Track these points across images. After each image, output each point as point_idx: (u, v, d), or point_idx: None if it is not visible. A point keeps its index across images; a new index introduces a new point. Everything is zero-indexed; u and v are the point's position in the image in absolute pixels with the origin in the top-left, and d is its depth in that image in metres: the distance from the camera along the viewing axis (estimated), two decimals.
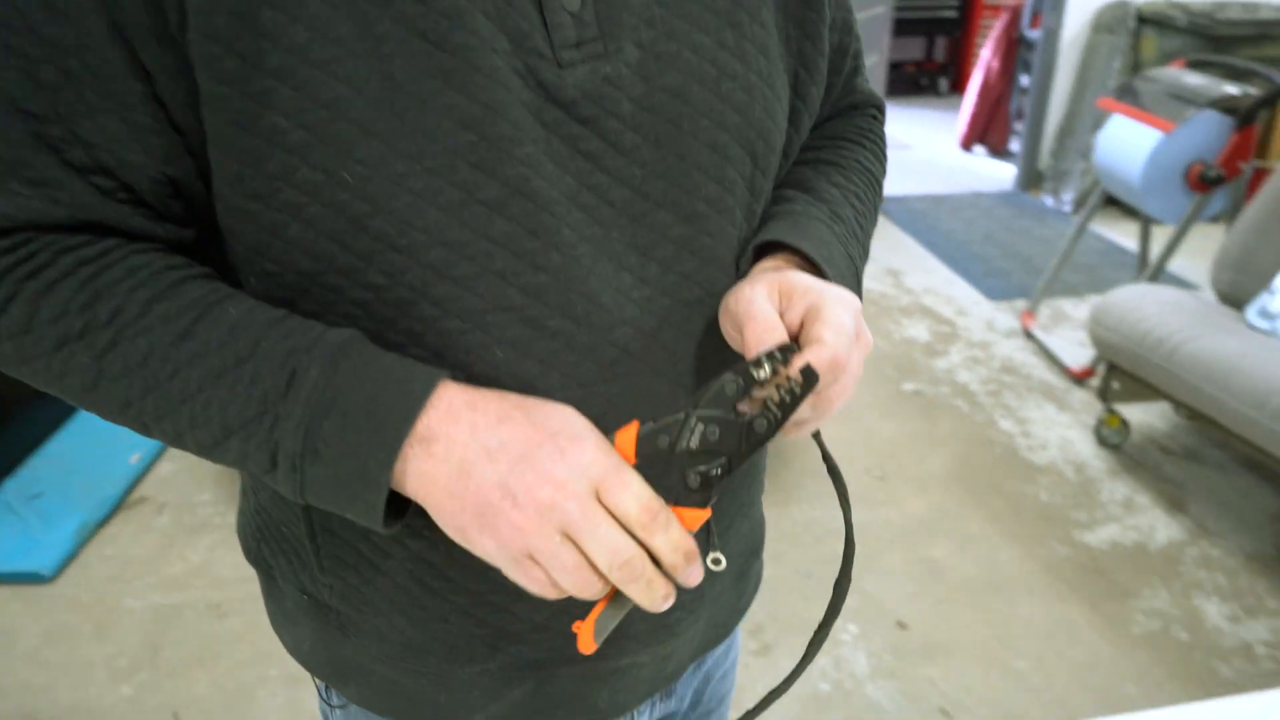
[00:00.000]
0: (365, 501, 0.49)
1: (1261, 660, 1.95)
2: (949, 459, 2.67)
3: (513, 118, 0.50)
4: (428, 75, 0.49)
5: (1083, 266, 3.99)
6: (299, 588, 0.67)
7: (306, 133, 0.48)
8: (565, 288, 0.54)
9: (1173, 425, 2.83)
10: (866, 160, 0.74)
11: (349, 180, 0.49)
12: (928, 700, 1.87)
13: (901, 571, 2.22)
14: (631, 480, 0.49)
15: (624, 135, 0.54)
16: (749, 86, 0.59)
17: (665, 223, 0.57)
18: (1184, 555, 2.27)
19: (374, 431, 0.48)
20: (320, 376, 0.48)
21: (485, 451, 0.48)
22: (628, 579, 0.48)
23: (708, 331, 0.61)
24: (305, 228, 0.51)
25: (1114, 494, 2.51)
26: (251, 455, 0.50)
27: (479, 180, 0.50)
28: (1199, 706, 0.83)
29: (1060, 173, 4.80)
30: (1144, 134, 2.89)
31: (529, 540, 0.48)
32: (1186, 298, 2.55)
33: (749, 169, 0.60)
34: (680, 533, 0.49)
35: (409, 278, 0.52)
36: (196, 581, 2.19)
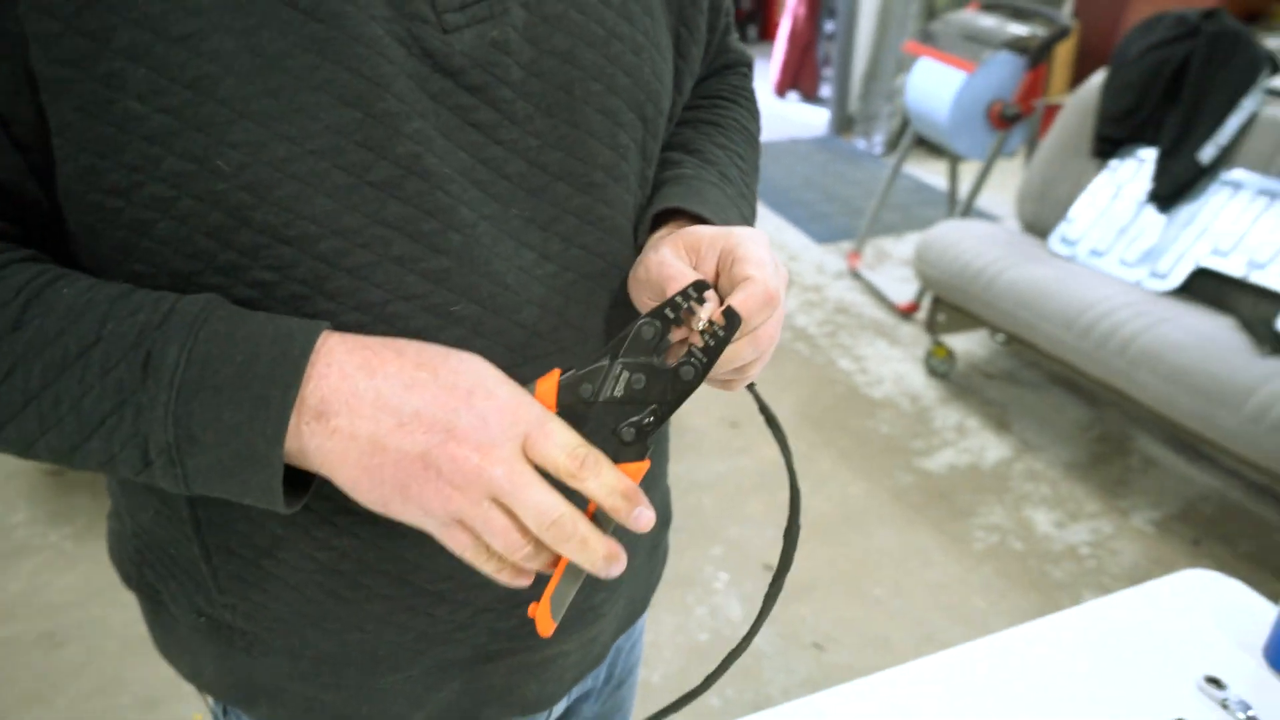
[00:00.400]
0: (259, 485, 0.45)
1: (1086, 560, 2.14)
2: (796, 402, 2.76)
3: (398, 90, 0.47)
4: (301, 47, 0.44)
5: (898, 206, 4.20)
6: (194, 610, 0.62)
7: (169, 117, 0.43)
8: (468, 270, 0.51)
9: (991, 351, 3.04)
10: (744, 119, 0.74)
11: (224, 168, 0.44)
12: (801, 637, 1.94)
13: (763, 517, 2.29)
14: (555, 429, 0.46)
15: (516, 104, 0.51)
16: (637, 47, 0.57)
17: (564, 194, 0.55)
18: (1012, 471, 2.46)
19: (255, 405, 0.43)
20: (180, 352, 0.43)
21: (398, 423, 0.44)
22: (559, 539, 0.45)
23: (614, 305, 0.59)
24: (177, 224, 0.45)
25: (947, 421, 2.68)
26: (119, 456, 0.45)
27: (368, 161, 0.46)
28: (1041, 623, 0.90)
29: (870, 116, 5.01)
30: (949, 76, 3.05)
31: (457, 507, 0.45)
32: (998, 230, 2.72)
33: (640, 133, 0.59)
34: (614, 474, 0.47)
35: (300, 272, 0.47)
36: (22, 611, 1.98)
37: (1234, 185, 2.34)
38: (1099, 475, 2.44)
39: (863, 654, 1.90)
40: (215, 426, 0.43)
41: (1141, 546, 2.19)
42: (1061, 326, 2.29)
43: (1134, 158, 2.55)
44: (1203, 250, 2.30)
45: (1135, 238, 2.45)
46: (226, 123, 0.43)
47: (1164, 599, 0.93)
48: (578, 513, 0.46)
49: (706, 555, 2.15)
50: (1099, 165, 2.63)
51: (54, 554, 2.12)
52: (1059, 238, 2.61)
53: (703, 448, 2.54)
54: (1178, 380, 2.03)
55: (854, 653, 1.90)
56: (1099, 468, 2.47)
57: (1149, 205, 2.45)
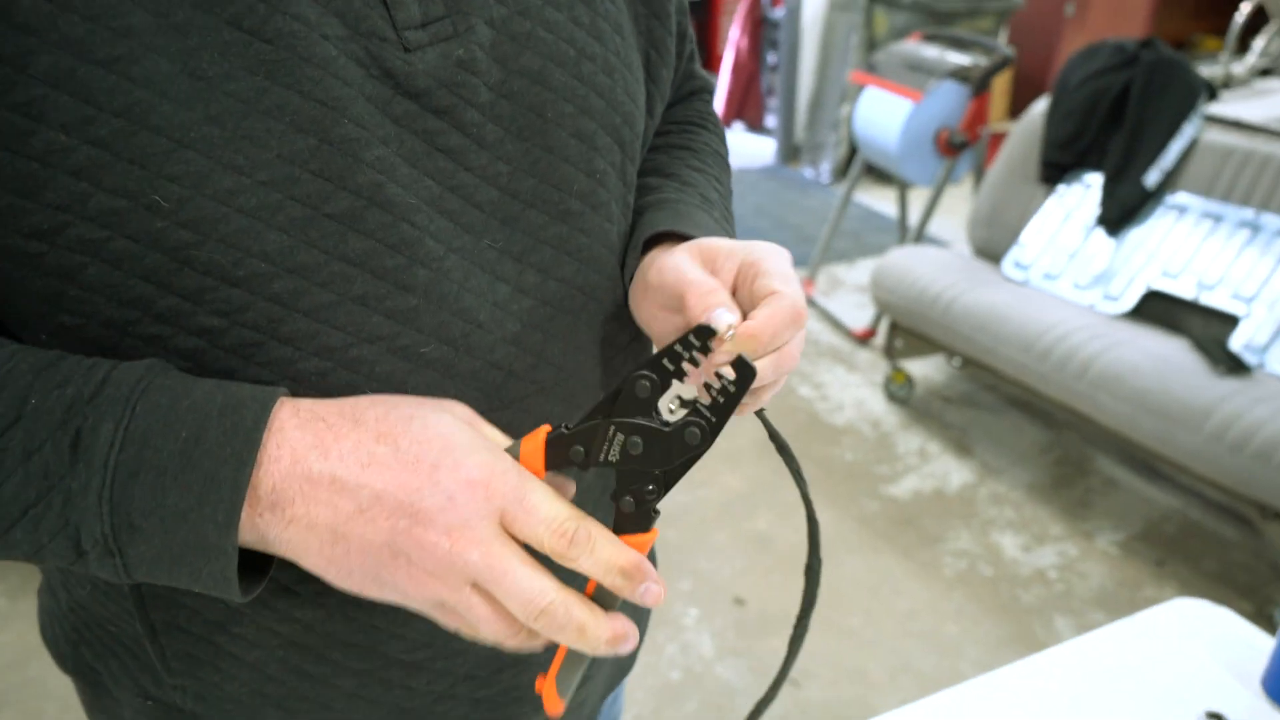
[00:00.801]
0: (211, 574, 0.41)
1: (1054, 584, 2.15)
2: (758, 430, 2.73)
3: (356, 115, 0.43)
4: (247, 70, 0.40)
5: (848, 233, 4.24)
6: (140, 694, 0.57)
7: (97, 149, 0.38)
8: (437, 308, 0.47)
9: (949, 375, 3.06)
10: (714, 143, 0.72)
11: (162, 204, 0.39)
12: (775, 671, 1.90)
13: (730, 547, 2.26)
14: (537, 502, 0.42)
15: (485, 128, 0.48)
16: (609, 68, 0.54)
17: (539, 223, 0.51)
18: (977, 495, 2.46)
19: (204, 486, 0.39)
20: (116, 429, 0.39)
21: (357, 509, 0.40)
22: (551, 628, 0.41)
23: (596, 341, 0.56)
24: (109, 268, 0.40)
25: (909, 446, 2.68)
26: (48, 546, 0.40)
27: (326, 191, 0.42)
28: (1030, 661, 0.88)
29: (816, 145, 5.07)
30: (896, 105, 3.09)
31: (435, 594, 0.41)
32: (951, 256, 2.75)
33: (619, 157, 0.56)
34: (611, 547, 0.43)
35: (251, 316, 0.43)
36: None
37: (1179, 209, 2.39)
38: (1061, 497, 2.46)
39: (839, 687, 1.87)
40: (159, 513, 0.39)
41: (1107, 568, 2.20)
42: (1020, 350, 2.30)
43: (1080, 183, 2.60)
44: (1153, 273, 2.34)
45: (1087, 261, 2.49)
46: (164, 153, 0.39)
47: (1154, 630, 0.91)
48: (571, 596, 0.42)
49: (675, 590, 2.11)
50: (1047, 190, 2.68)
51: None
52: (1012, 262, 2.64)
53: None
54: (1138, 402, 2.05)
55: (830, 687, 1.87)
56: (1061, 490, 2.49)
57: (1098, 229, 2.50)
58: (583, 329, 0.55)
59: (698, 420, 0.43)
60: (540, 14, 0.50)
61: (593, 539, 0.42)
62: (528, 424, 0.52)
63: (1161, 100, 2.43)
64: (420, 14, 0.45)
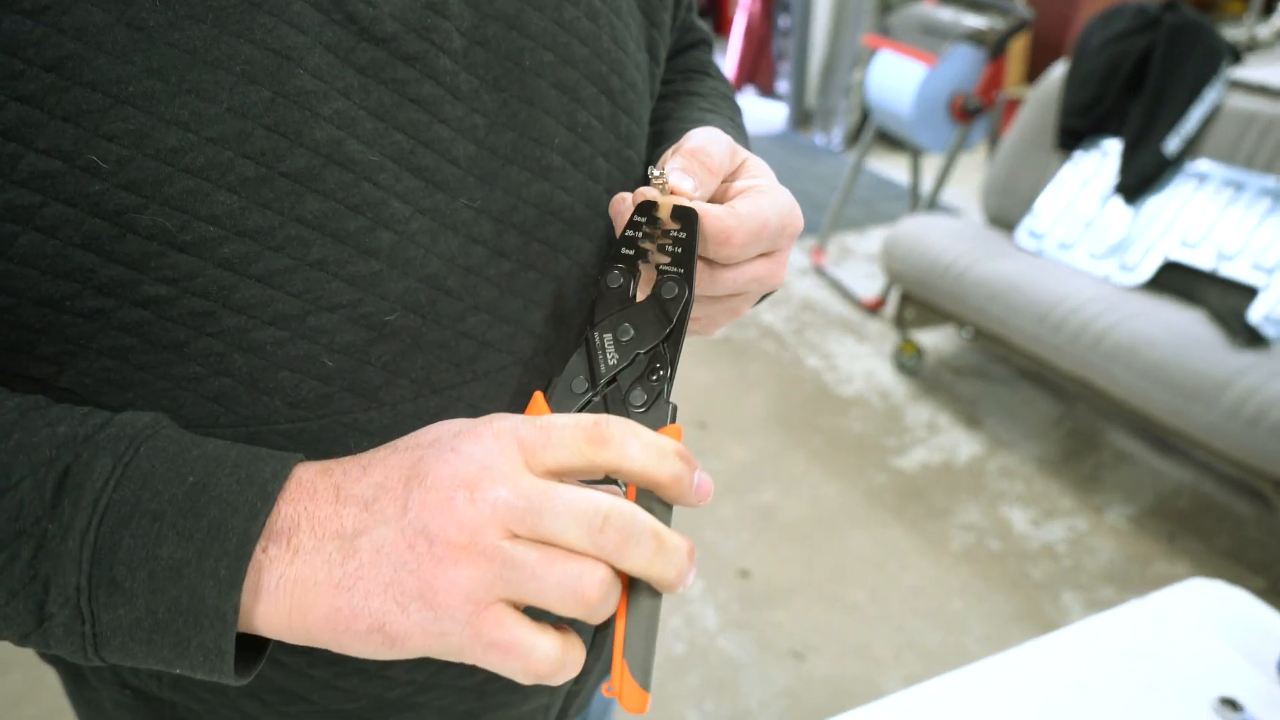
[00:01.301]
0: (202, 647, 0.34)
1: (1063, 559, 2.12)
2: (765, 401, 2.72)
3: (313, 65, 0.39)
4: (192, 18, 0.36)
5: (859, 201, 4.17)
6: (118, 683, 0.54)
7: (27, 107, 0.35)
8: (401, 273, 0.43)
9: (959, 347, 3.02)
10: (722, 88, 0.70)
11: (100, 165, 0.36)
12: (779, 645, 1.89)
13: (736, 520, 2.23)
14: (553, 418, 0.37)
15: (459, 77, 0.44)
16: (593, 13, 0.50)
17: (519, 181, 0.48)
18: (985, 468, 2.43)
19: (208, 537, 0.34)
20: (114, 466, 0.34)
21: (363, 508, 0.35)
22: (625, 539, 0.34)
23: (580, 311, 0.53)
24: (43, 238, 0.37)
25: (918, 418, 2.65)
26: (2, 609, 0.34)
27: (281, 148, 0.39)
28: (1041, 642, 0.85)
29: (827, 111, 4.99)
30: (910, 69, 3.02)
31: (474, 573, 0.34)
32: (963, 225, 2.70)
33: (607, 108, 0.52)
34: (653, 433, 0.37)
35: (200, 284, 0.39)
36: None
37: (1199, 176, 2.33)
38: (1072, 471, 2.42)
39: (843, 662, 1.85)
40: (148, 565, 0.33)
41: (1117, 543, 2.17)
42: (1034, 321, 2.26)
43: (1098, 150, 2.54)
44: (1171, 243, 2.29)
45: (1103, 231, 2.43)
46: (101, 110, 0.35)
47: (1167, 612, 0.89)
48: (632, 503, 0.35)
49: None
50: (1063, 158, 2.62)
51: None
52: (1026, 231, 2.59)
53: None
54: (1153, 375, 2.01)
55: (834, 661, 1.86)
56: (1071, 463, 2.46)
57: (1115, 197, 2.44)
58: (567, 295, 0.51)
59: (667, 275, 0.42)
60: None
61: (629, 426, 0.36)
62: (504, 398, 0.50)
63: (1183, 64, 2.36)
64: None
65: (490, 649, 0.34)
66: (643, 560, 0.35)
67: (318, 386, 0.43)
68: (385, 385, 0.45)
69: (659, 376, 0.41)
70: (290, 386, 0.43)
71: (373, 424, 0.45)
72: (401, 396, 0.46)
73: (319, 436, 0.44)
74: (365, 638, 0.34)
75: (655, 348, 0.41)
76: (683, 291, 0.42)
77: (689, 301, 0.42)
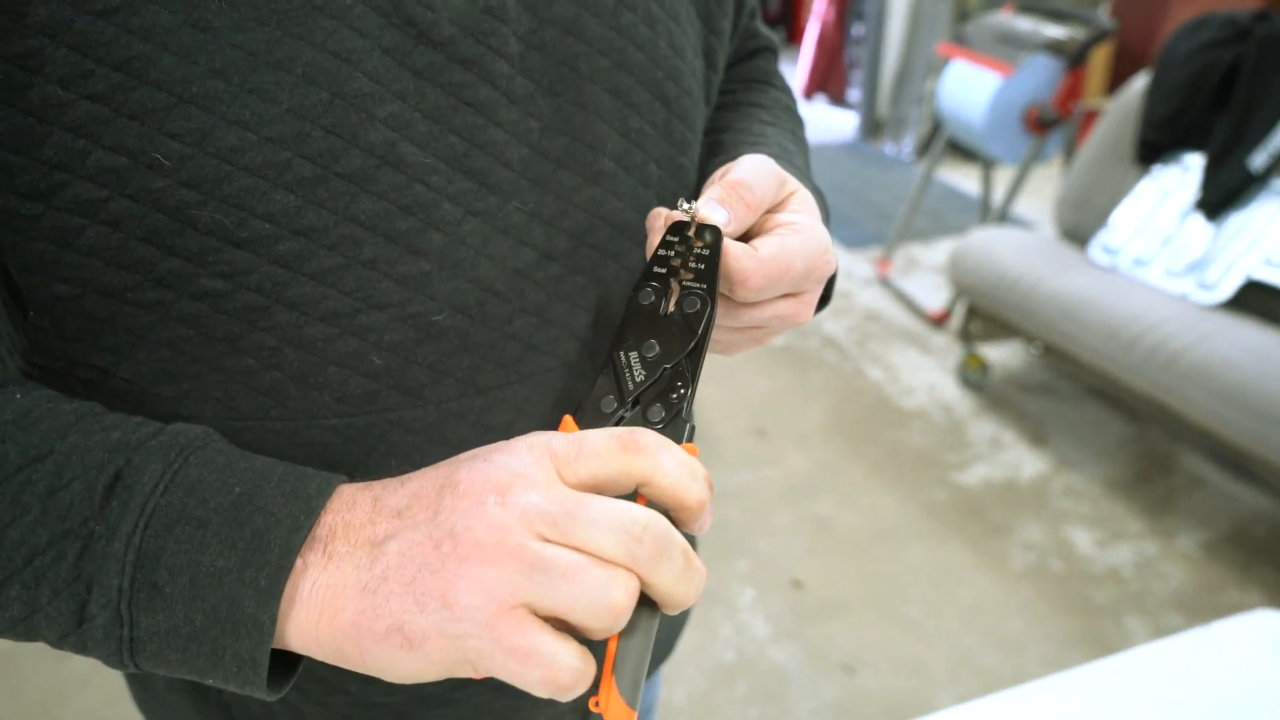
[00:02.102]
0: (237, 657, 0.35)
1: (1129, 583, 2.06)
2: (825, 411, 2.69)
3: (371, 69, 0.40)
4: (256, 20, 0.38)
5: (928, 211, 4.11)
6: None
7: (96, 105, 0.36)
8: (451, 274, 0.44)
9: (1027, 362, 2.95)
10: (784, 99, 0.69)
11: (163, 162, 0.37)
12: (830, 658, 1.87)
13: (791, 529, 2.22)
14: (585, 432, 0.37)
15: (514, 80, 0.45)
16: (651, 19, 0.50)
17: (571, 185, 0.48)
18: (1050, 487, 2.37)
19: (250, 546, 0.34)
20: (164, 472, 0.35)
21: (395, 515, 0.36)
22: (657, 553, 0.34)
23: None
24: (108, 230, 0.38)
25: (981, 433, 2.59)
26: (44, 610, 0.35)
27: (337, 149, 0.40)
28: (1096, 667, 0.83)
29: (899, 120, 4.92)
30: (984, 78, 2.96)
31: (500, 575, 0.33)
32: (1035, 239, 2.64)
33: (661, 114, 0.52)
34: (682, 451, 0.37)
35: (255, 279, 0.41)
36: None
37: None
38: (1142, 494, 2.35)
39: (895, 678, 1.83)
40: (190, 572, 0.34)
41: (1188, 570, 2.10)
42: (1106, 339, 2.20)
43: (1178, 164, 2.46)
44: (1254, 261, 2.20)
45: (1181, 247, 2.36)
46: (165, 109, 0.37)
47: (1230, 642, 0.86)
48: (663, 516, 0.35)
49: (732, 570, 2.09)
50: (1140, 172, 2.54)
51: None
52: (1100, 246, 2.52)
53: (727, 457, 2.48)
54: (1230, 397, 1.94)
55: (885, 676, 1.83)
56: (1142, 486, 2.38)
57: (1195, 214, 2.36)
58: (614, 301, 0.52)
59: (690, 291, 0.43)
60: None
61: (664, 440, 0.37)
62: (547, 400, 0.50)
63: (1276, 78, 2.28)
64: None
65: (510, 655, 0.33)
66: (670, 576, 0.34)
67: (365, 383, 0.44)
68: (431, 384, 0.46)
69: (679, 394, 0.41)
70: (339, 382, 0.44)
71: (417, 421, 0.46)
72: (446, 395, 0.46)
73: (365, 432, 0.45)
74: (385, 639, 0.34)
75: (678, 363, 0.42)
76: (704, 307, 0.43)
77: (711, 317, 0.42)
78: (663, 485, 0.36)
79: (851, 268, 3.62)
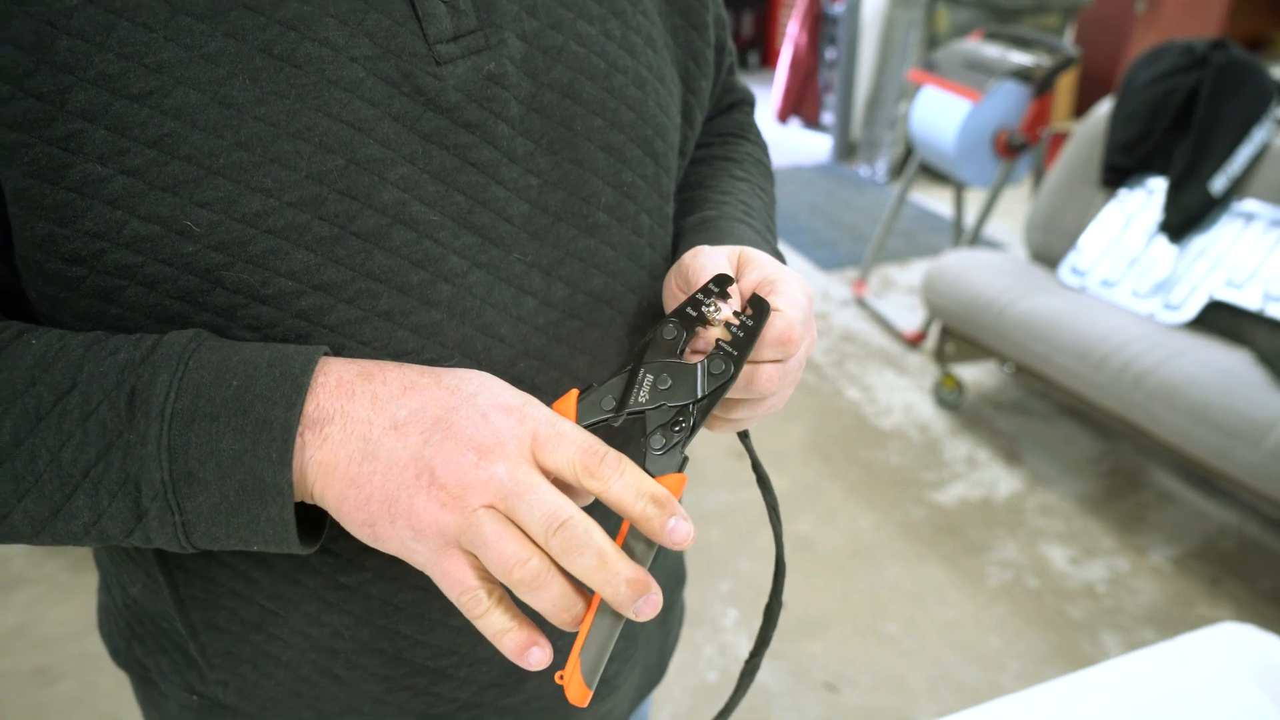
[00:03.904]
0: (269, 520, 0.41)
1: (1103, 599, 2.10)
2: (804, 431, 2.73)
3: (382, 135, 0.44)
4: (277, 95, 0.41)
5: (902, 233, 4.18)
6: (186, 688, 0.59)
7: (131, 179, 0.40)
8: (459, 322, 0.48)
9: (1000, 381, 3.01)
10: (757, 153, 0.73)
11: (194, 229, 0.41)
12: (812, 676, 1.90)
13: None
14: (569, 430, 0.42)
15: (515, 141, 0.48)
16: (640, 81, 0.54)
17: (567, 236, 0.52)
18: (1025, 505, 2.42)
19: (257, 429, 0.40)
20: (170, 382, 0.40)
21: (392, 425, 0.41)
22: (569, 546, 0.39)
23: (620, 356, 0.57)
24: (145, 290, 0.42)
25: (957, 452, 2.64)
26: (109, 510, 0.40)
27: (352, 210, 0.43)
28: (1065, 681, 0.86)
29: (872, 143, 5.01)
30: (954, 105, 3.04)
31: (453, 520, 0.40)
32: (1006, 260, 2.70)
33: (651, 169, 0.56)
34: (640, 474, 0.41)
35: (280, 331, 0.44)
36: (16, 645, 1.93)
37: (1246, 216, 2.32)
38: (1113, 510, 2.40)
39: (876, 695, 1.85)
40: (215, 457, 0.40)
41: (1159, 585, 2.14)
42: (1076, 359, 2.26)
43: (1143, 188, 2.54)
44: (1216, 282, 2.27)
45: (1147, 269, 2.42)
46: (194, 181, 0.40)
47: (1196, 655, 0.89)
48: (594, 522, 0.40)
49: (715, 591, 2.11)
50: (1107, 195, 2.61)
51: (49, 585, 2.08)
52: (1069, 268, 2.58)
53: (709, 478, 2.51)
54: (1196, 415, 2.00)
55: (867, 693, 1.86)
56: (1113, 502, 2.43)
57: (1160, 236, 2.43)
58: (609, 342, 0.55)
59: (722, 352, 0.46)
60: (573, 27, 0.51)
61: (623, 462, 0.41)
62: None
63: (1231, 103, 2.36)
64: (452, 27, 0.46)
65: (443, 576, 0.41)
66: (582, 570, 0.40)
67: None
68: None
69: (681, 429, 0.44)
70: None
71: None
72: None
73: None
74: (359, 527, 0.41)
75: (683, 407, 0.45)
76: (728, 369, 0.46)
77: (730, 381, 0.46)
78: (609, 502, 0.41)
79: (828, 289, 3.68)
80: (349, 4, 0.43)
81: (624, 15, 0.54)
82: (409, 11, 0.45)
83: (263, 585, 0.52)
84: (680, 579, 0.78)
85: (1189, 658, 0.89)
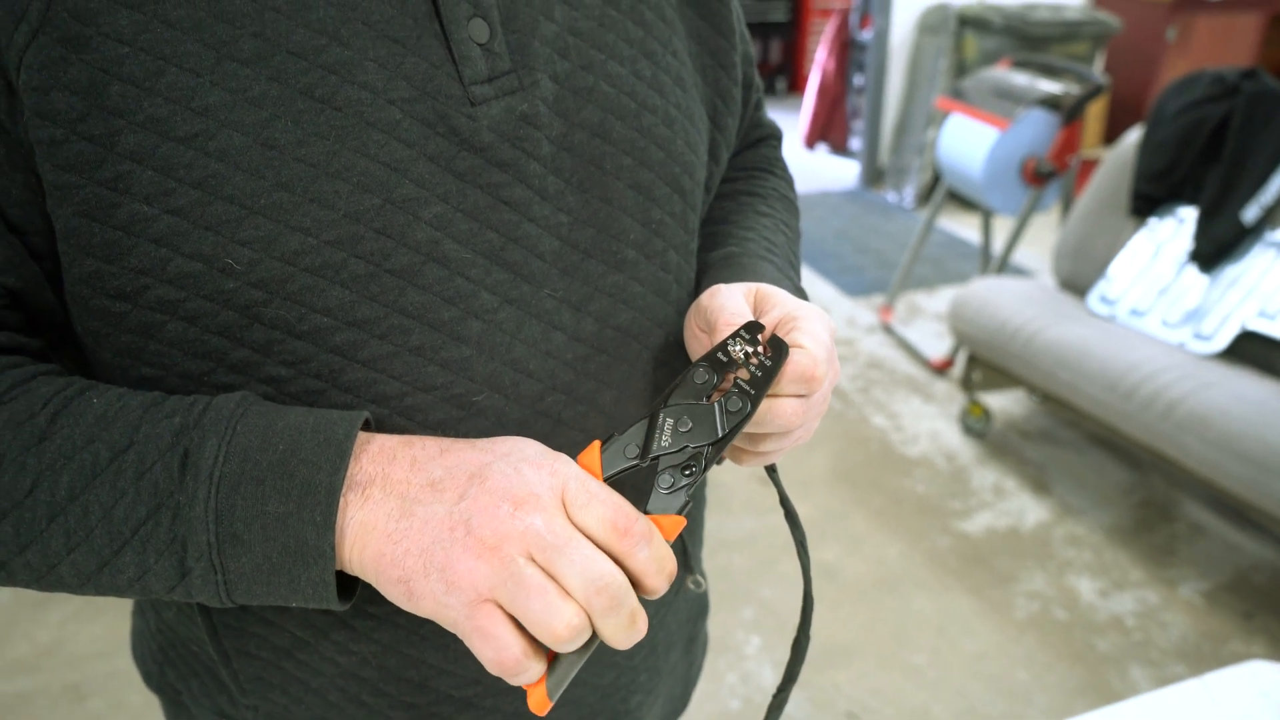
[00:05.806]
0: (310, 581, 0.42)
1: (1132, 632, 2.07)
2: (829, 458, 2.72)
3: (417, 175, 0.45)
4: (318, 136, 0.43)
5: (930, 259, 4.17)
6: (216, 712, 0.60)
7: (176, 219, 0.42)
8: (489, 358, 0.49)
9: (1029, 410, 2.98)
10: (782, 188, 0.74)
11: (235, 266, 0.43)
12: (835, 706, 1.88)
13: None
14: (599, 490, 0.43)
15: (546, 180, 0.50)
16: (669, 120, 0.56)
17: (597, 273, 0.53)
18: (1053, 535, 2.39)
19: (302, 493, 0.41)
20: (219, 446, 0.42)
21: (429, 483, 0.42)
22: (607, 608, 0.40)
23: (648, 389, 0.58)
24: (186, 325, 0.44)
25: (984, 481, 2.62)
26: (154, 568, 0.42)
27: (388, 248, 0.45)
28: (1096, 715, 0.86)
29: (900, 169, 5.01)
30: (982, 132, 3.04)
31: (488, 571, 0.40)
32: (1034, 288, 2.69)
33: (679, 206, 0.57)
34: (664, 547, 0.43)
35: (315, 366, 0.46)
36: (47, 663, 1.96)
37: (1279, 246, 2.29)
38: (1144, 542, 2.37)
39: None
40: (260, 520, 0.41)
41: (1190, 619, 2.11)
42: (1104, 389, 2.24)
43: (1173, 216, 2.52)
44: (1249, 312, 2.25)
45: (1177, 298, 2.40)
46: (236, 220, 0.42)
47: (1224, 692, 0.88)
48: (628, 581, 0.42)
49: (738, 618, 2.11)
50: (1137, 223, 2.60)
51: (81, 604, 2.11)
52: (1098, 296, 2.57)
53: (732, 504, 2.50)
54: (1227, 447, 1.97)
55: None
56: (1143, 534, 2.40)
57: (1190, 265, 2.41)
58: (636, 377, 0.56)
59: (738, 389, 0.47)
60: (604, 68, 0.52)
61: (653, 533, 0.43)
62: None
63: (1264, 133, 2.34)
64: (487, 69, 0.47)
65: (475, 631, 0.41)
66: (612, 627, 0.41)
67: None
68: None
69: (691, 473, 0.45)
70: None
71: None
72: None
73: None
74: (394, 585, 0.42)
75: (702, 448, 0.46)
76: (744, 407, 0.47)
77: (747, 419, 0.47)
78: (630, 569, 0.42)
79: (855, 315, 3.67)
80: (388, 48, 0.45)
81: (654, 56, 0.55)
82: (445, 55, 0.46)
83: (294, 613, 0.53)
84: (704, 610, 0.79)
85: (1217, 695, 0.88)
